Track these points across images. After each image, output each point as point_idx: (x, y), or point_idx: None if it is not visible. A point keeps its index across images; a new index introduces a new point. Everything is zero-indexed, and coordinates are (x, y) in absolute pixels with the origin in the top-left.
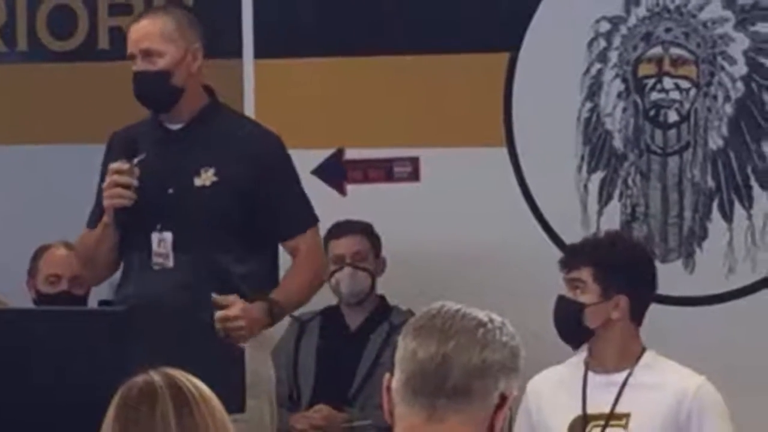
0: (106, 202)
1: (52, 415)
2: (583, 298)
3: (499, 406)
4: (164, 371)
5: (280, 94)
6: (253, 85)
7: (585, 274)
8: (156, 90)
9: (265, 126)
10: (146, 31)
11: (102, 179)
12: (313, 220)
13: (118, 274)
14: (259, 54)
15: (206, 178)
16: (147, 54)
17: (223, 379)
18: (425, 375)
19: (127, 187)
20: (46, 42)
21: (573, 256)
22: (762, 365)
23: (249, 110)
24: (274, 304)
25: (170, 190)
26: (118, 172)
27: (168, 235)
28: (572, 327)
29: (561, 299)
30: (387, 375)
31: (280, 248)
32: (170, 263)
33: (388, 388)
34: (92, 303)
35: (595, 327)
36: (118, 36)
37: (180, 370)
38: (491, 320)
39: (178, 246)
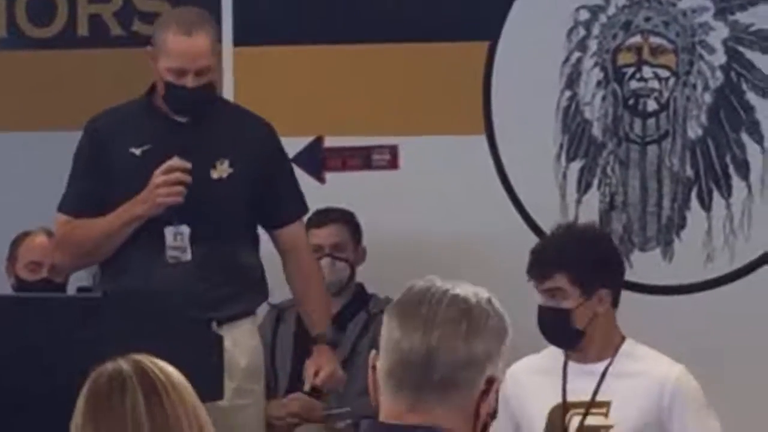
0: (160, 200)
1: (27, 400)
2: (566, 304)
3: (485, 392)
4: (133, 358)
5: (258, 82)
6: (232, 73)
7: (561, 281)
8: (203, 102)
9: (258, 115)
10: (204, 47)
11: (87, 165)
12: (306, 207)
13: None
14: (238, 41)
15: (222, 170)
16: (201, 72)
17: (201, 366)
18: (409, 367)
19: (186, 185)
20: (26, 29)
21: (541, 266)
22: (739, 353)
23: (227, 98)
24: (319, 340)
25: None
26: (182, 170)
27: (185, 229)
28: (563, 333)
29: (544, 310)
30: (373, 353)
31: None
32: (188, 256)
33: (374, 367)
34: (71, 291)
35: (584, 327)
36: (98, 23)
37: (150, 356)
38: (478, 302)
39: (195, 239)
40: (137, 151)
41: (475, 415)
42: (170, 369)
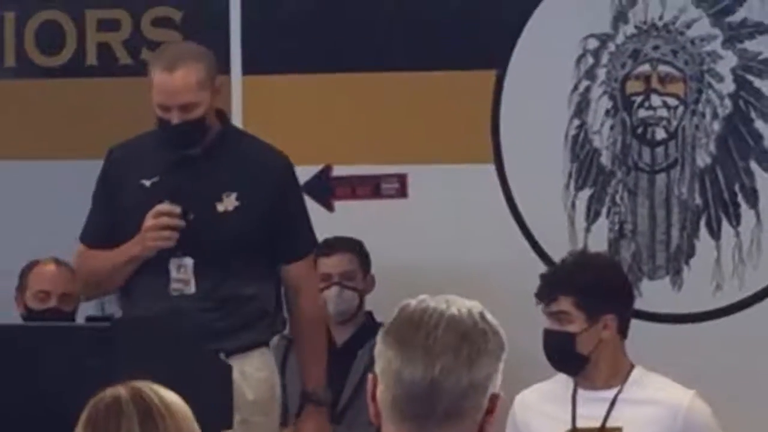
0: (151, 243)
1: (36, 429)
2: (571, 328)
3: (490, 411)
4: (132, 385)
5: (267, 111)
6: (241, 102)
7: (566, 304)
8: (193, 135)
9: (275, 147)
10: (183, 84)
11: (103, 195)
12: (314, 246)
13: None
14: (247, 70)
15: (228, 203)
16: (184, 108)
17: (208, 395)
18: (412, 400)
19: (174, 229)
20: (34, 58)
21: (549, 289)
22: (749, 382)
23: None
24: (313, 397)
25: (190, 216)
26: (170, 214)
27: (189, 261)
28: (567, 357)
29: (549, 333)
30: (370, 376)
31: None
32: (191, 289)
33: (374, 396)
34: (80, 320)
35: (588, 353)
36: (107, 52)
37: (150, 383)
38: (475, 323)
39: (199, 272)
40: (147, 183)
41: None
42: (169, 395)
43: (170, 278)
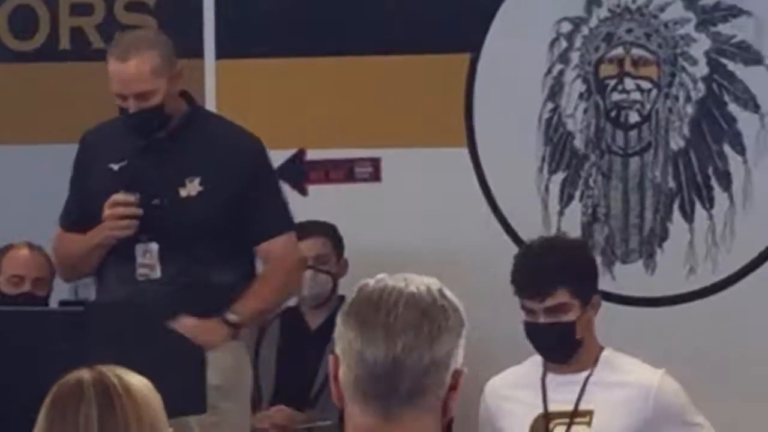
0: (109, 232)
1: (11, 412)
2: (569, 317)
3: (453, 387)
4: (98, 369)
5: (241, 95)
6: (215, 86)
7: (563, 296)
8: (151, 123)
9: (247, 131)
10: (136, 72)
11: (76, 179)
12: (288, 226)
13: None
14: (220, 54)
15: (192, 188)
16: (140, 96)
17: (181, 380)
18: (375, 379)
19: (132, 217)
20: (7, 42)
21: (542, 286)
22: (722, 365)
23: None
24: (227, 321)
25: (155, 201)
26: (125, 204)
27: (154, 246)
28: (567, 346)
29: (546, 327)
30: (331, 357)
31: None
32: (157, 274)
33: (336, 377)
34: (54, 304)
35: (582, 336)
36: (80, 36)
37: (116, 368)
38: (434, 300)
39: (164, 257)
40: (115, 167)
41: (442, 411)
42: (133, 380)
43: (136, 263)
